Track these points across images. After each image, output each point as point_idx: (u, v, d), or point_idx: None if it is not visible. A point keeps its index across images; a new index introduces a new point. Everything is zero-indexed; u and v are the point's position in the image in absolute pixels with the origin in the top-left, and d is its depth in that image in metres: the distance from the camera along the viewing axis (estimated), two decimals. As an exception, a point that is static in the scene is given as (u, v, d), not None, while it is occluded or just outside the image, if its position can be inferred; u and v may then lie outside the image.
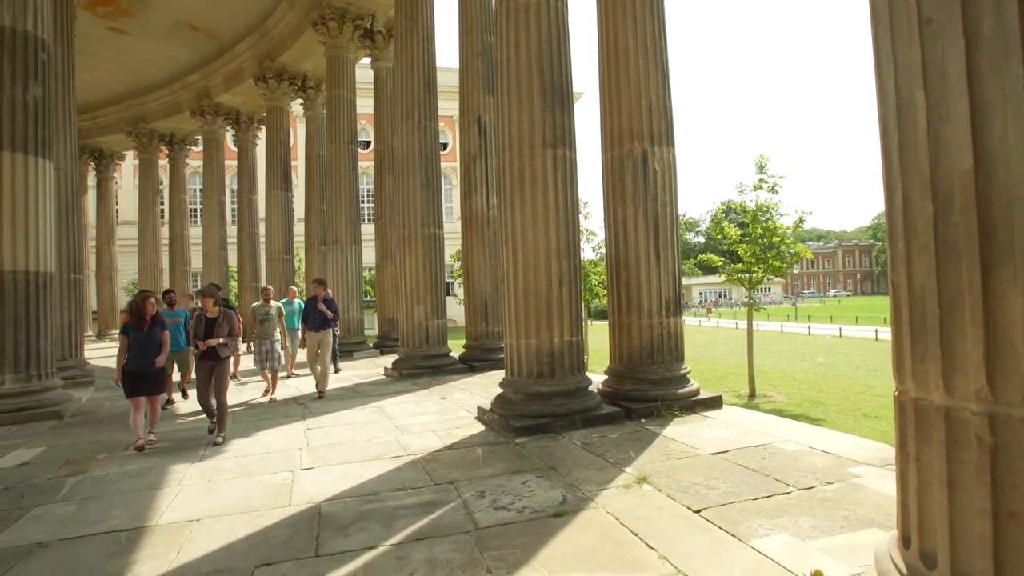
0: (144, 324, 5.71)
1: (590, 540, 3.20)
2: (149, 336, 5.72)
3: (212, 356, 5.92)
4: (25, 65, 7.06)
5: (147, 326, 5.72)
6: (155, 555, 3.22)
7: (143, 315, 5.72)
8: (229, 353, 6.07)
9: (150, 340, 5.72)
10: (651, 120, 6.50)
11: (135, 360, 5.64)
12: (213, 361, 5.93)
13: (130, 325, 5.73)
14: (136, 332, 5.69)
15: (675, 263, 6.66)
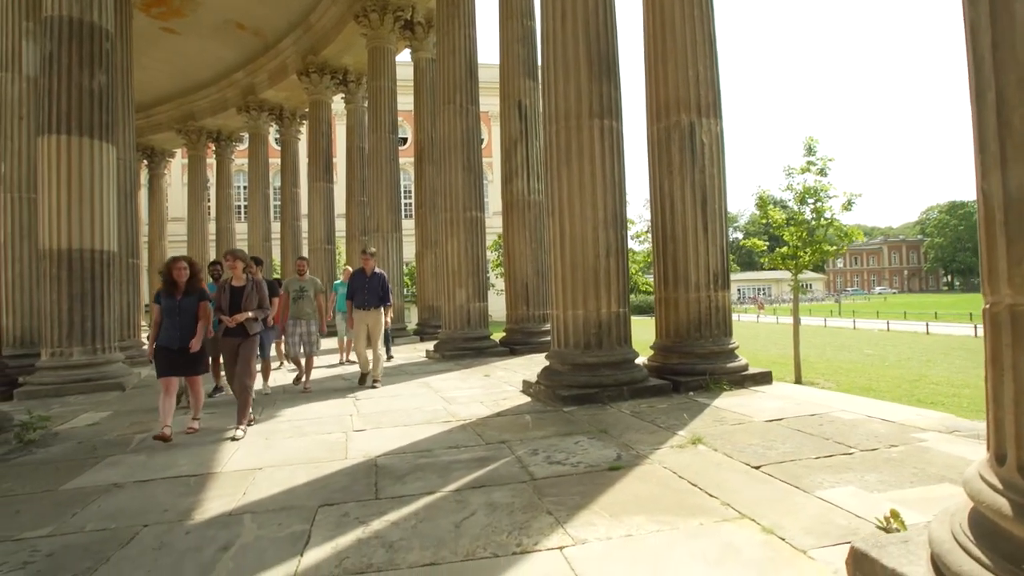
0: (176, 290, 4.91)
1: (649, 490, 3.17)
2: (182, 306, 4.89)
3: (239, 332, 5.12)
4: (91, 53, 7.40)
5: (180, 294, 4.91)
6: (223, 495, 3.34)
7: (173, 278, 4.92)
8: (259, 329, 5.26)
9: (184, 311, 4.88)
10: (698, 91, 6.41)
11: (166, 333, 4.84)
12: (239, 338, 5.13)
13: (161, 292, 4.98)
14: (168, 299, 4.91)
15: (723, 236, 6.54)
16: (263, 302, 5.29)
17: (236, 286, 5.22)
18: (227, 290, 5.20)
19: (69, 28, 7.24)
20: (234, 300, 5.17)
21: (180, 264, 4.99)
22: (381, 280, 7.33)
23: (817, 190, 13.13)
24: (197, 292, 4.99)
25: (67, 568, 2.46)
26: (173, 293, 4.91)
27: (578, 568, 2.28)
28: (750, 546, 2.43)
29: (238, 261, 5.27)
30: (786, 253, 13.81)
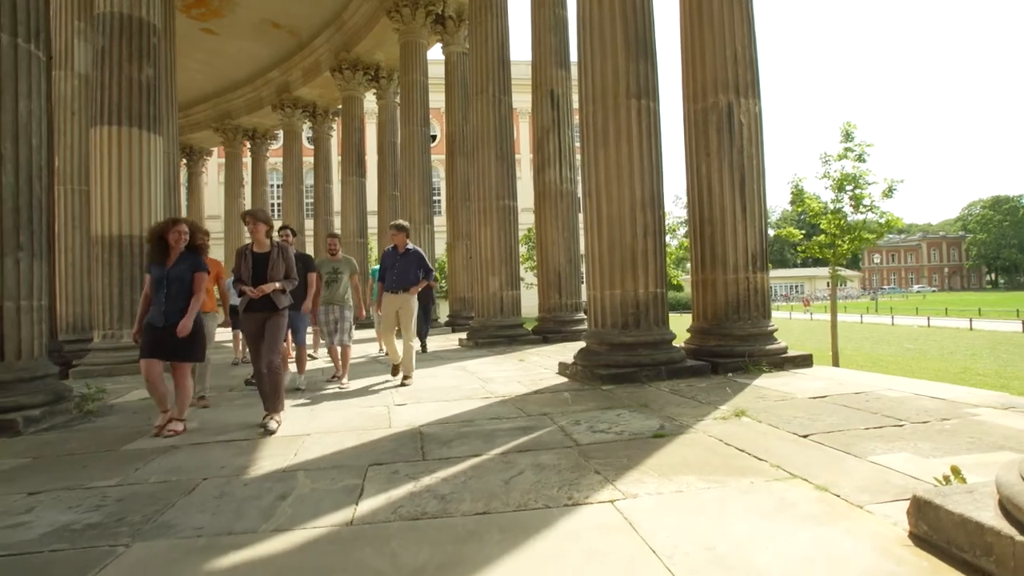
0: (168, 256, 4.16)
1: (696, 454, 3.16)
2: (172, 276, 4.10)
3: (263, 305, 4.31)
4: (140, 48, 7.67)
5: (172, 261, 4.15)
6: (274, 455, 3.44)
7: (167, 242, 4.16)
8: (287, 303, 4.42)
9: (174, 282, 4.09)
10: (736, 71, 6.34)
11: (155, 308, 4.08)
12: (265, 312, 4.32)
13: (150, 258, 4.26)
14: (157, 268, 4.14)
15: (762, 217, 6.46)
16: (290, 271, 4.46)
17: (259, 252, 4.37)
18: (248, 257, 4.34)
19: (120, 23, 7.52)
20: (257, 269, 4.33)
21: (179, 227, 4.21)
22: (416, 257, 6.20)
23: (856, 177, 12.80)
24: (191, 260, 4.22)
25: (137, 510, 2.58)
26: (162, 259, 4.16)
27: (632, 518, 2.29)
28: (805, 502, 2.41)
29: (259, 223, 4.35)
30: (823, 242, 13.49)
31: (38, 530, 2.43)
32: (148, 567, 2.05)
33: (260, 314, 4.33)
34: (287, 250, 4.51)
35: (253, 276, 4.32)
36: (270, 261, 4.35)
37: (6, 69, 4.47)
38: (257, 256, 4.37)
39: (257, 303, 4.31)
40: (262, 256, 4.38)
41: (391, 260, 6.25)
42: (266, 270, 4.33)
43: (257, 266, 4.35)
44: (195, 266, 4.23)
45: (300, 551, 2.13)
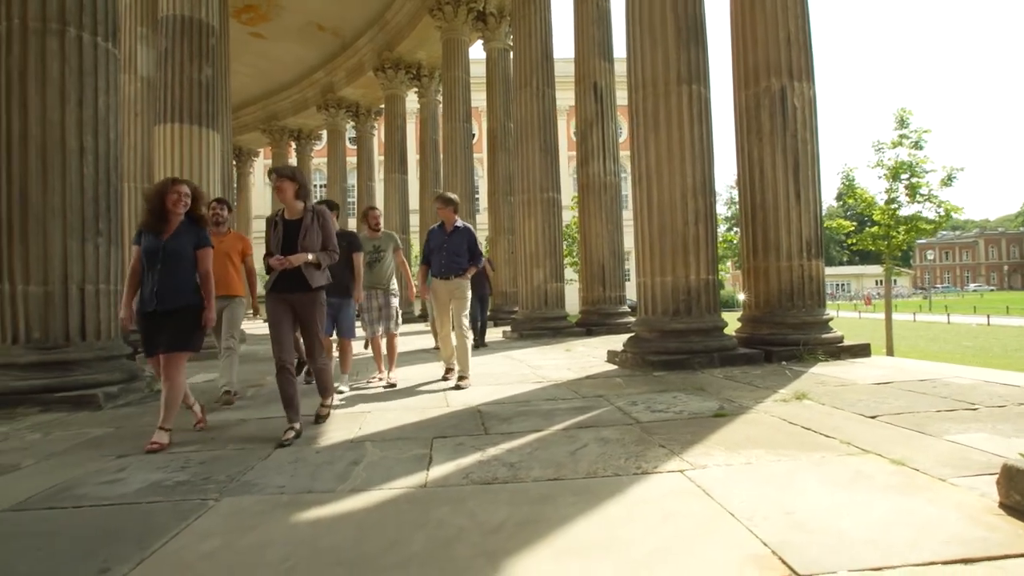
0: (165, 225, 3.39)
1: (760, 431, 3.13)
2: (169, 249, 3.34)
3: (294, 284, 3.50)
4: (200, 48, 7.99)
5: (170, 231, 3.38)
6: (340, 428, 3.56)
7: (165, 208, 3.39)
8: (323, 283, 3.62)
9: (171, 257, 3.34)
10: (790, 53, 6.21)
11: (145, 288, 3.36)
12: (297, 293, 3.52)
13: (143, 227, 3.43)
14: (151, 239, 3.37)
15: (816, 203, 6.31)
16: (329, 242, 3.64)
17: (290, 219, 3.58)
18: (278, 225, 3.57)
19: (182, 25, 7.85)
20: (288, 239, 3.51)
21: (179, 188, 3.42)
22: (467, 236, 5.34)
23: (911, 165, 12.29)
24: (194, 233, 3.47)
25: (220, 471, 2.71)
26: (159, 230, 3.38)
27: (704, 486, 2.29)
28: (882, 474, 2.36)
29: (287, 181, 3.52)
30: (877, 233, 13.00)
31: (133, 486, 2.58)
32: (240, 516, 2.16)
33: (289, 296, 3.51)
34: (325, 217, 3.66)
35: (283, 248, 3.51)
36: (303, 229, 3.53)
37: (88, 66, 4.74)
38: (289, 224, 3.56)
39: (285, 280, 3.48)
40: (294, 224, 3.56)
41: (438, 240, 5.33)
42: (297, 239, 3.51)
43: (288, 235, 3.53)
44: (199, 240, 3.49)
45: (380, 508, 2.21)
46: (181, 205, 3.42)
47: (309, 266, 3.54)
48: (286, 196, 3.57)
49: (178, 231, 3.44)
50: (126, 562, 1.79)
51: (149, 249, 3.37)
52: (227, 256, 4.75)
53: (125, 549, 1.89)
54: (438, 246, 5.34)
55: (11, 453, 3.26)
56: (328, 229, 3.67)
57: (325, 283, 3.65)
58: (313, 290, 3.56)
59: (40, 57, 4.56)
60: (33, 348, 4.54)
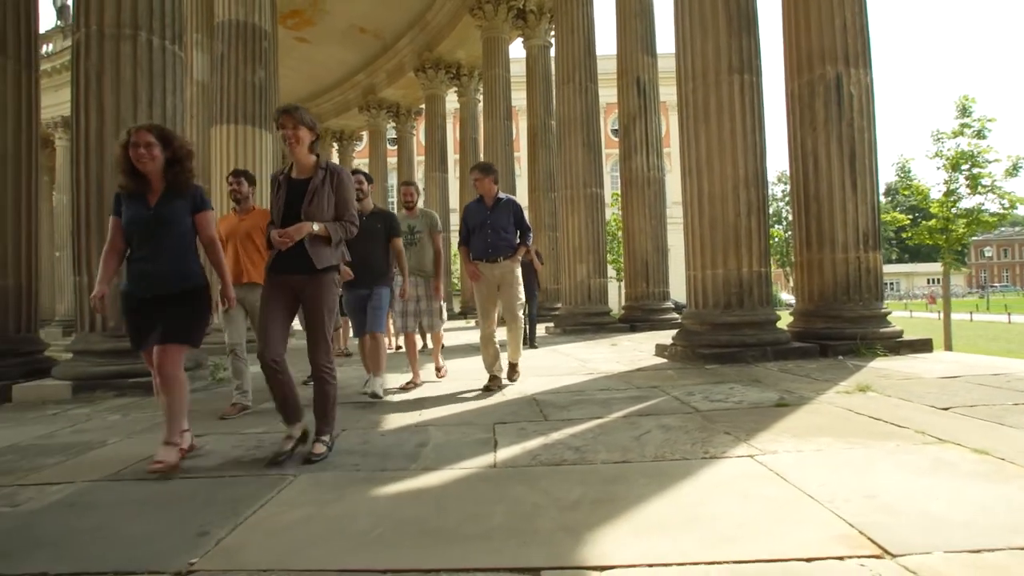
0: (149, 189, 2.69)
1: (827, 421, 3.06)
2: (161, 217, 2.66)
3: (296, 263, 2.72)
4: (253, 51, 8.28)
5: (156, 195, 2.68)
6: (401, 413, 3.66)
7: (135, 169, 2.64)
8: (334, 262, 2.82)
9: (166, 226, 2.67)
10: (845, 40, 6.04)
11: (138, 272, 2.69)
12: (299, 275, 2.75)
13: (122, 189, 2.73)
14: (134, 207, 2.68)
15: (874, 193, 6.13)
16: (345, 210, 2.82)
17: (298, 178, 2.80)
18: (281, 186, 2.80)
19: (236, 29, 8.14)
20: (292, 205, 2.74)
21: (141, 137, 2.62)
22: (513, 209, 4.55)
23: (973, 155, 11.75)
24: (189, 194, 2.74)
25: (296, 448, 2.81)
26: (144, 194, 2.68)
27: (777, 470, 2.26)
28: (966, 462, 2.29)
29: (303, 128, 2.72)
30: (934, 227, 12.45)
31: (214, 460, 2.71)
32: (322, 490, 2.24)
33: (289, 278, 2.74)
34: (342, 178, 2.82)
35: (284, 217, 2.72)
36: (310, 191, 2.72)
37: (157, 68, 4.97)
38: (295, 185, 2.76)
39: (285, 258, 2.69)
40: (300, 184, 2.75)
41: (478, 216, 4.53)
42: (302, 204, 2.71)
43: (292, 200, 2.73)
44: (196, 203, 2.74)
45: (455, 485, 2.26)
46: (147, 159, 2.61)
47: (316, 241, 2.70)
48: (297, 148, 2.73)
49: (168, 194, 2.68)
50: (222, 527, 1.88)
51: (133, 219, 2.66)
52: (249, 237, 4.01)
53: (219, 515, 1.99)
54: (479, 223, 4.52)
55: (97, 431, 3.45)
56: (345, 193, 2.81)
57: (336, 263, 2.82)
58: (320, 271, 2.73)
59: (115, 60, 4.80)
60: (109, 336, 4.78)
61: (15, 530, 1.95)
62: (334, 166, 2.86)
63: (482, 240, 4.52)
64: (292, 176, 2.83)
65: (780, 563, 1.51)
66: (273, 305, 2.77)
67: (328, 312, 2.80)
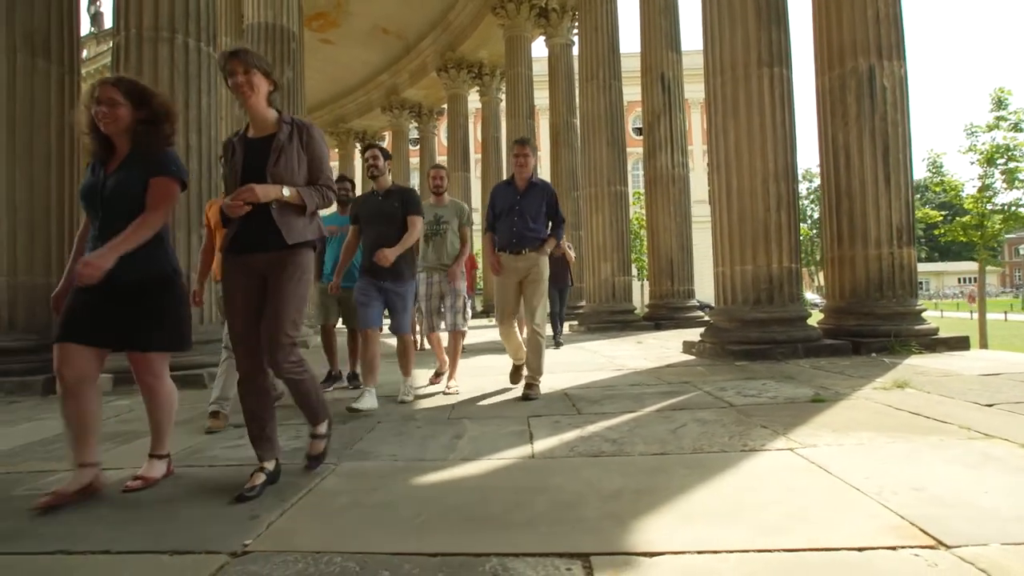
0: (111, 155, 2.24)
1: (866, 416, 3.02)
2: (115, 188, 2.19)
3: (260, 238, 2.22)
4: (282, 52, 8.42)
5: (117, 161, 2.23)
6: (432, 408, 3.67)
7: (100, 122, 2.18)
8: (309, 237, 2.30)
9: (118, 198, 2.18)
10: (878, 31, 5.93)
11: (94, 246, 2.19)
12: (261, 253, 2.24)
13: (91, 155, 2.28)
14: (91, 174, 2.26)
15: (908, 188, 6.01)
16: (319, 172, 2.32)
17: (256, 137, 2.28)
18: (236, 150, 2.29)
19: (266, 31, 8.29)
20: (251, 165, 2.23)
21: (106, 93, 2.16)
22: (546, 194, 4.10)
23: (1009, 148, 11.42)
24: (154, 161, 2.20)
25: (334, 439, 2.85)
26: (105, 161, 2.24)
27: (819, 463, 2.23)
28: (1015, 458, 2.24)
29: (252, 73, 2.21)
30: (968, 223, 12.13)
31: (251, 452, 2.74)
32: (363, 478, 2.28)
33: (252, 258, 2.22)
34: (312, 134, 2.29)
35: (243, 174, 2.20)
36: (274, 149, 2.19)
37: (192, 70, 5.08)
38: (253, 145, 2.24)
39: (247, 234, 2.20)
40: (260, 144, 2.23)
41: (507, 199, 4.05)
42: (266, 164, 2.18)
43: (251, 163, 2.20)
44: (155, 167, 2.19)
45: (495, 474, 2.28)
46: (108, 119, 2.15)
47: (286, 209, 2.18)
48: (256, 99, 2.20)
49: (130, 160, 2.19)
50: (271, 511, 1.93)
51: (82, 190, 2.24)
52: None
53: (267, 500, 2.03)
54: (507, 208, 4.02)
55: (139, 422, 3.53)
56: (318, 151, 2.30)
57: (312, 239, 2.28)
58: (291, 248, 2.20)
59: (153, 62, 4.93)
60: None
61: (75, 511, 2.02)
62: (301, 120, 2.33)
63: (508, 228, 4.03)
64: (249, 135, 2.29)
65: (831, 552, 1.50)
66: (237, 295, 2.24)
67: (297, 302, 2.21)
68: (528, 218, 4.01)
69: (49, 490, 2.05)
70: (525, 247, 4.02)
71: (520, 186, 4.07)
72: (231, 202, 2.09)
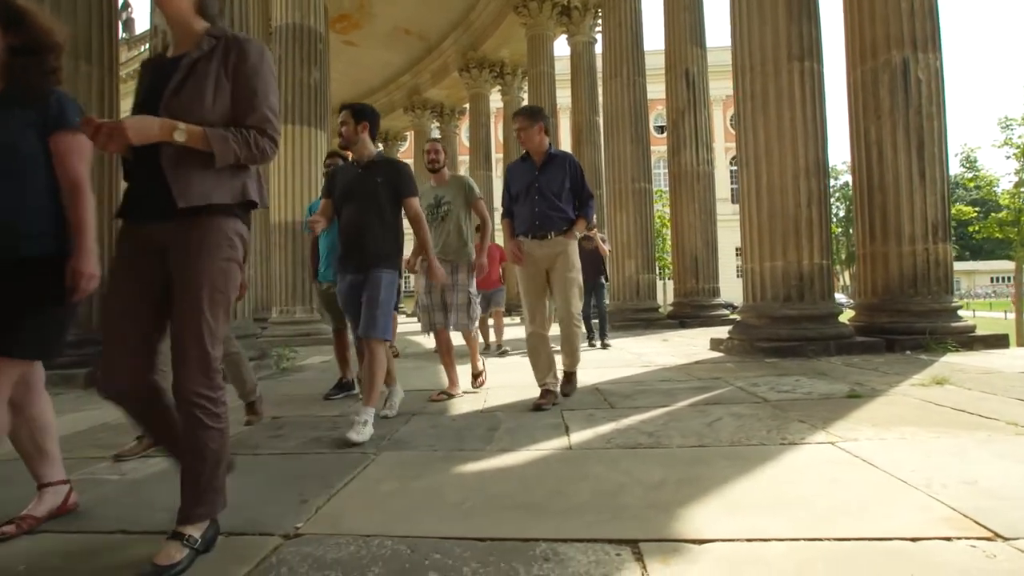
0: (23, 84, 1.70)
1: (907, 411, 2.97)
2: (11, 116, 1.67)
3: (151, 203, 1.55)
4: (309, 53, 8.54)
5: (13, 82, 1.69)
6: (465, 401, 3.71)
7: None
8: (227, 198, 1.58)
9: None
10: (913, 23, 5.82)
11: None
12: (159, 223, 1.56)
13: None
14: None
15: (944, 183, 5.89)
16: (248, 110, 1.60)
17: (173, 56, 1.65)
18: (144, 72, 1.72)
19: (293, 32, 8.42)
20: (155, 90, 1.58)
21: None
22: (568, 167, 3.53)
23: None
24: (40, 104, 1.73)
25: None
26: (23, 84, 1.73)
27: (863, 456, 2.20)
28: (1066, 451, 2.19)
29: None
30: (1004, 219, 11.80)
31: (294, 441, 2.81)
32: (405, 467, 2.31)
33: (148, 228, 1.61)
34: (248, 51, 1.62)
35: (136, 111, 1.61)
36: (183, 68, 1.58)
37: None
38: (164, 65, 1.64)
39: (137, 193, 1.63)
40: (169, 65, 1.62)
41: (523, 178, 3.55)
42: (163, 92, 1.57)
43: (157, 83, 1.60)
44: (48, 118, 1.74)
45: (535, 464, 2.29)
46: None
47: (184, 159, 1.54)
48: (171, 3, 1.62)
49: (3, 101, 1.70)
50: (320, 496, 1.97)
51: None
52: None
53: (313, 486, 2.07)
54: (524, 188, 3.52)
55: (180, 414, 3.63)
56: (250, 78, 1.61)
57: (232, 201, 1.62)
58: (193, 215, 1.55)
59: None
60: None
61: (128, 495, 2.09)
62: (237, 37, 1.64)
63: (527, 209, 3.51)
64: (168, 55, 1.68)
65: (884, 542, 1.49)
66: (124, 282, 1.62)
67: (213, 291, 1.55)
68: (550, 196, 3.48)
69: None
70: (550, 230, 3.49)
71: (537, 160, 3.56)
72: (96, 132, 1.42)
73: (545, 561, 1.45)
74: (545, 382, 3.49)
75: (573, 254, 3.58)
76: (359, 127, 3.08)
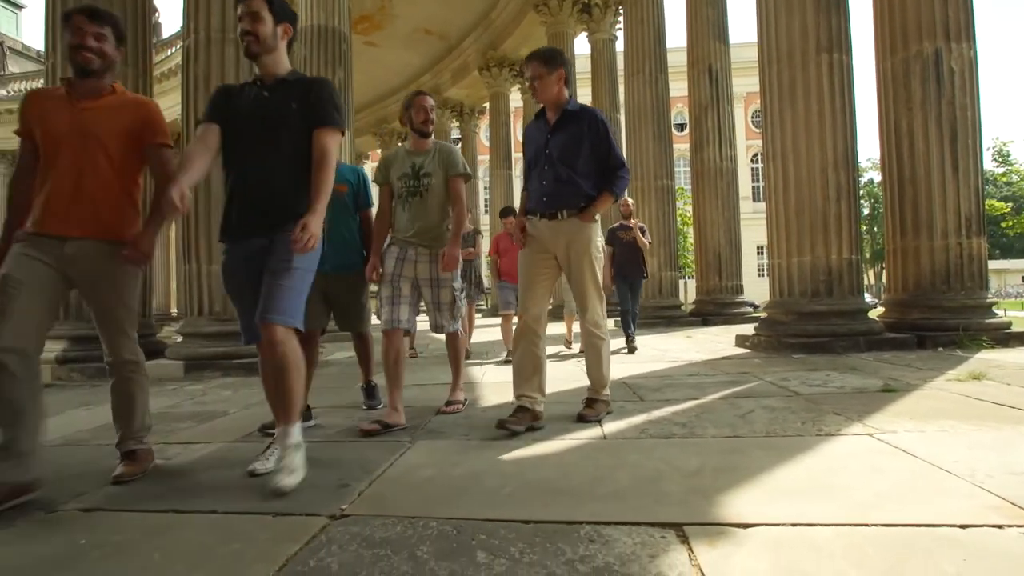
0: None
1: (945, 405, 2.92)
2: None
3: None
4: (333, 53, 8.64)
5: None
6: (495, 394, 3.72)
7: None
8: None
9: None
10: (946, 12, 5.72)
11: None
12: None
13: None
14: None
15: (978, 176, 5.79)
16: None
17: None
18: None
19: (318, 33, 8.52)
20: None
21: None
22: (590, 127, 2.78)
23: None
24: None
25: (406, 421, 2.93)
26: None
27: (903, 447, 2.18)
28: (1115, 444, 2.14)
29: None
30: (1038, 214, 11.54)
31: (329, 430, 2.87)
32: (441, 454, 2.34)
33: None
34: None
35: None
36: None
37: (256, 68, 5.27)
38: None
39: None
40: None
41: (537, 140, 2.90)
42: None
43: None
44: None
45: (572, 452, 2.31)
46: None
47: None
48: None
49: None
50: (360, 481, 2.00)
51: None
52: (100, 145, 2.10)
53: (353, 472, 2.11)
54: (537, 153, 2.87)
55: (216, 404, 3.72)
56: None
57: None
58: None
59: (220, 63, 5.14)
60: (215, 319, 5.13)
61: (176, 479, 2.15)
62: None
63: (537, 181, 2.84)
64: None
65: (933, 528, 1.48)
66: None
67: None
68: (562, 166, 2.75)
69: None
70: (562, 207, 2.76)
71: (552, 116, 2.80)
72: None
73: (591, 542, 1.46)
74: (522, 394, 2.70)
75: (590, 241, 2.78)
76: (279, 28, 2.15)
